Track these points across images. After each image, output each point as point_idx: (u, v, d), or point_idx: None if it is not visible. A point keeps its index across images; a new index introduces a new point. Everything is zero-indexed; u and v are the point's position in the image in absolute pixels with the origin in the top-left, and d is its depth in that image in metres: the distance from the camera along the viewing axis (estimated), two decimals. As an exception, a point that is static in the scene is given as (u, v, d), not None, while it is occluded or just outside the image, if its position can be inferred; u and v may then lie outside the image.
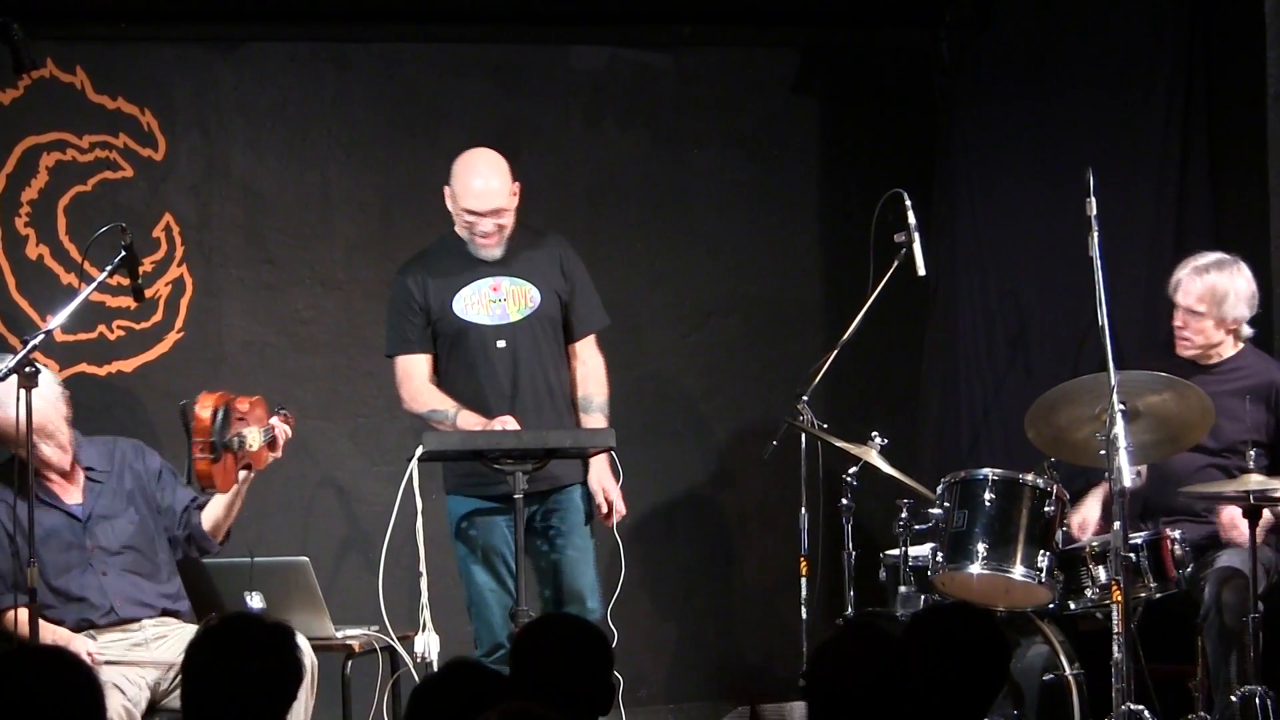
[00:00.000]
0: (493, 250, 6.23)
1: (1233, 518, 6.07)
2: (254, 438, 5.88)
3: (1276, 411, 6.31)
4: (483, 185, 6.20)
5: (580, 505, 6.30)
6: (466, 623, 6.27)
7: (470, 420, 6.12)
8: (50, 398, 5.71)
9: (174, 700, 5.67)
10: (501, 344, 6.21)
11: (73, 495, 5.86)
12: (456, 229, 6.28)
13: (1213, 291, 6.29)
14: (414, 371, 6.30)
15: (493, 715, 3.31)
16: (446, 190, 6.27)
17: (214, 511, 5.99)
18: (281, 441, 6.02)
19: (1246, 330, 6.36)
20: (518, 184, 6.26)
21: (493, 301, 6.24)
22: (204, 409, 5.76)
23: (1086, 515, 6.34)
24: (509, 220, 6.23)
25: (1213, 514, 6.22)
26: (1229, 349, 6.36)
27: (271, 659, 3.74)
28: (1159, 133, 6.99)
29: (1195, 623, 6.06)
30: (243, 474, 5.93)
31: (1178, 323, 6.34)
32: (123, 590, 5.81)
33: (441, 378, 6.29)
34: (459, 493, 6.24)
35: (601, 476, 6.28)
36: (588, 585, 6.28)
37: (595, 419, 6.33)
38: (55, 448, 5.79)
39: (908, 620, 5.42)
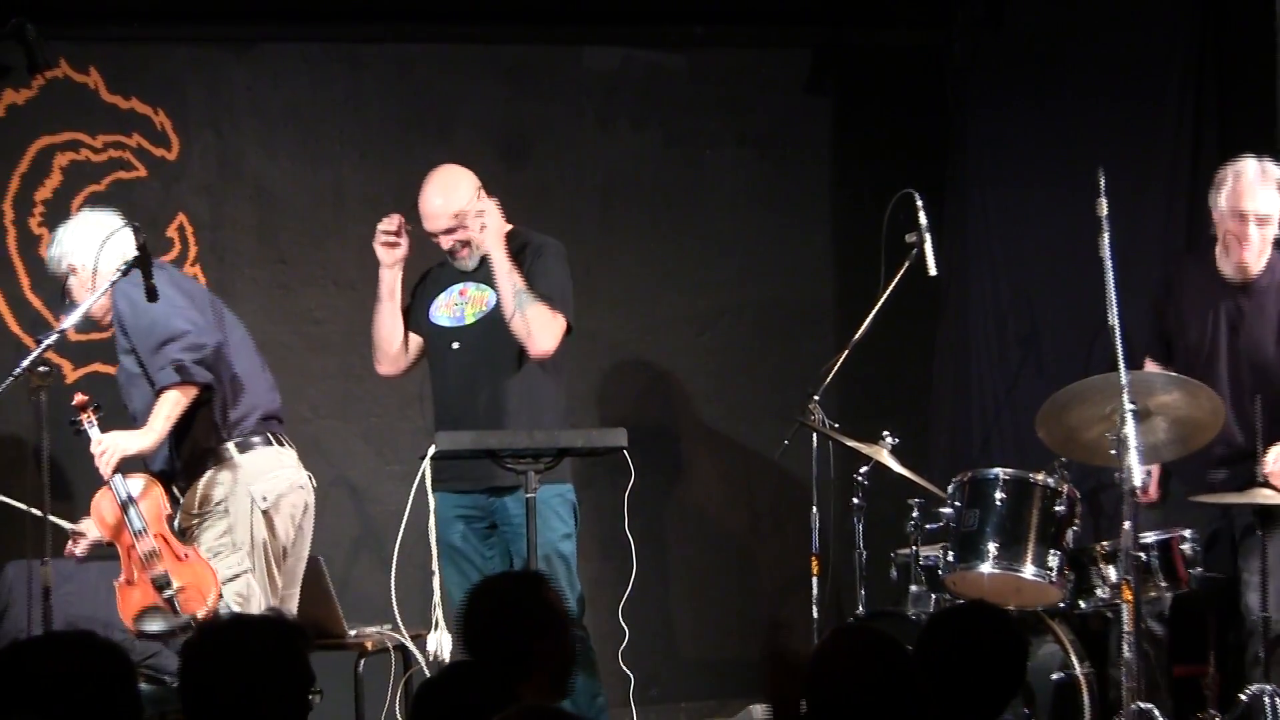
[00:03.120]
0: (466, 262, 6.18)
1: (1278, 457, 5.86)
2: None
3: None
4: (426, 207, 6.16)
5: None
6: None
7: None
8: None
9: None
10: (456, 346, 6.16)
11: None
12: None
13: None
14: None
15: (508, 715, 3.31)
16: None
17: None
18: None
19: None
20: (479, 193, 6.12)
21: (456, 305, 6.21)
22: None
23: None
24: (467, 235, 6.10)
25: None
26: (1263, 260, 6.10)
27: (275, 662, 3.62)
28: (1170, 133, 7.00)
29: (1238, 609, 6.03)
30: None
31: (1248, 232, 5.97)
32: None
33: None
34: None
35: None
36: None
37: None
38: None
39: (924, 620, 5.42)
